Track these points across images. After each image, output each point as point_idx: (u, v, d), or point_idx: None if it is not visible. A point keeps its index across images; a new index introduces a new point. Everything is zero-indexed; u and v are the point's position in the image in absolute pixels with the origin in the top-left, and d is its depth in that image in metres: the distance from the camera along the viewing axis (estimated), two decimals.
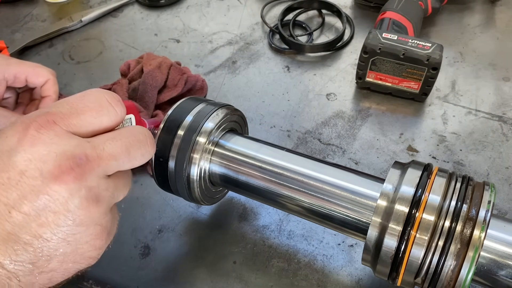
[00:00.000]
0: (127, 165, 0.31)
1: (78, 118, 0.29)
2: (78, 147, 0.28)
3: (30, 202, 0.26)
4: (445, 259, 0.33)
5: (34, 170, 0.26)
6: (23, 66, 0.56)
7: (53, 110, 0.29)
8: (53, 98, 0.59)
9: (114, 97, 0.32)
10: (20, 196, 0.26)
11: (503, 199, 0.53)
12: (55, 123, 0.28)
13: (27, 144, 0.27)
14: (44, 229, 0.27)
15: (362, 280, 0.47)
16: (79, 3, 0.88)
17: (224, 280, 0.47)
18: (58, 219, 0.27)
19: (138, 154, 0.32)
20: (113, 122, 0.31)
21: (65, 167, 0.27)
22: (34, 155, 0.27)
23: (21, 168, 0.26)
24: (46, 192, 0.26)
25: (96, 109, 0.30)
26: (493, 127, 0.61)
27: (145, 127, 0.34)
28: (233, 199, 0.55)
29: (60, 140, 0.28)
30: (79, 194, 0.27)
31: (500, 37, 0.74)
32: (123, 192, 0.32)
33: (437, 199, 0.35)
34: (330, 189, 0.40)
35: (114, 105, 0.31)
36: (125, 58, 0.75)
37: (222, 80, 0.70)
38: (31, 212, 0.26)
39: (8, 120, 0.55)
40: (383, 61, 0.61)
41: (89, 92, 0.31)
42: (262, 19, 0.80)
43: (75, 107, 0.30)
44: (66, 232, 0.27)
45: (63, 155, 0.27)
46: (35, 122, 0.28)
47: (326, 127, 0.62)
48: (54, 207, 0.27)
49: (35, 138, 0.27)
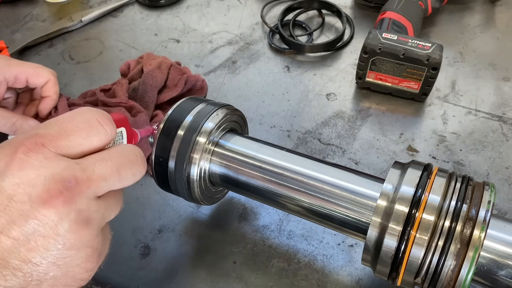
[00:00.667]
0: (117, 185, 0.30)
1: (67, 139, 0.29)
2: (67, 169, 0.28)
3: (19, 227, 0.26)
4: (445, 259, 0.33)
5: (22, 195, 0.26)
6: (24, 67, 0.56)
7: (41, 132, 0.29)
8: (54, 98, 0.59)
9: (104, 116, 0.31)
10: (9, 221, 0.26)
11: (503, 199, 0.53)
12: (44, 145, 0.28)
13: (15, 168, 0.27)
14: (34, 253, 0.26)
15: (362, 280, 0.47)
16: (79, 3, 0.88)
17: (224, 280, 0.47)
18: (47, 243, 0.26)
19: (129, 174, 0.31)
20: (103, 141, 0.31)
21: (54, 190, 0.27)
22: (23, 179, 0.26)
23: (9, 192, 0.26)
24: (35, 216, 0.26)
25: (86, 130, 0.30)
26: (493, 127, 0.61)
27: (136, 146, 0.33)
28: (233, 199, 0.55)
29: (49, 163, 0.27)
30: (68, 217, 0.27)
31: (500, 37, 0.74)
32: (114, 211, 0.32)
33: (437, 199, 0.35)
34: (330, 189, 0.40)
35: (104, 125, 0.31)
36: (125, 58, 0.75)
37: (222, 80, 0.70)
38: (20, 236, 0.26)
39: (8, 120, 0.54)
40: (383, 61, 0.61)
41: (79, 112, 0.31)
42: (262, 19, 0.80)
43: (64, 128, 0.29)
44: (56, 256, 0.27)
45: (52, 178, 0.27)
46: (23, 146, 0.27)
47: (326, 127, 0.62)
48: (44, 231, 0.26)
49: (23, 161, 0.27)
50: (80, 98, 0.65)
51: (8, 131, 0.55)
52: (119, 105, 0.60)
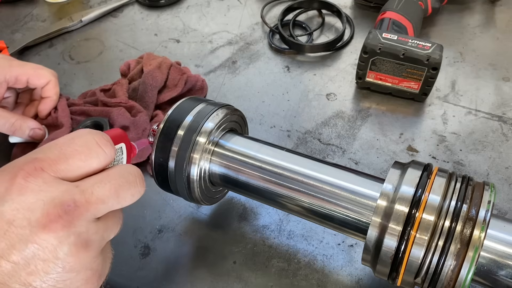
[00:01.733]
0: (116, 206, 0.31)
1: (66, 163, 0.29)
2: (66, 193, 0.28)
3: (19, 251, 0.26)
4: (445, 259, 0.33)
5: (22, 220, 0.26)
6: (25, 68, 0.56)
7: (40, 155, 0.29)
8: (54, 99, 0.59)
9: (103, 137, 0.31)
10: (9, 246, 0.26)
11: (503, 199, 0.53)
12: (43, 170, 0.28)
13: (14, 193, 0.27)
14: (34, 277, 0.26)
15: (362, 280, 0.47)
16: (79, 3, 0.88)
17: (224, 280, 0.47)
18: (47, 267, 0.27)
19: (128, 195, 0.31)
20: (102, 163, 0.31)
21: (53, 215, 0.27)
22: (22, 204, 0.27)
23: (9, 217, 0.26)
24: (35, 241, 0.26)
25: (85, 153, 0.30)
26: (493, 127, 0.61)
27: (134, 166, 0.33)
28: (233, 199, 0.55)
29: (48, 187, 0.27)
30: (68, 241, 0.27)
31: (500, 37, 0.74)
32: (114, 231, 0.32)
33: (437, 199, 0.35)
34: (330, 189, 0.40)
35: (103, 147, 0.31)
36: (125, 58, 0.75)
37: (222, 80, 0.70)
38: (20, 261, 0.26)
39: (7, 121, 0.54)
40: (383, 61, 0.61)
41: (78, 135, 0.31)
42: (262, 19, 0.80)
43: (63, 152, 0.29)
44: (56, 279, 0.27)
45: (51, 202, 0.27)
46: (23, 171, 0.27)
47: (326, 127, 0.62)
48: (43, 255, 0.26)
49: (22, 186, 0.27)
50: (80, 98, 0.65)
51: (7, 131, 0.55)
52: (119, 105, 0.60)
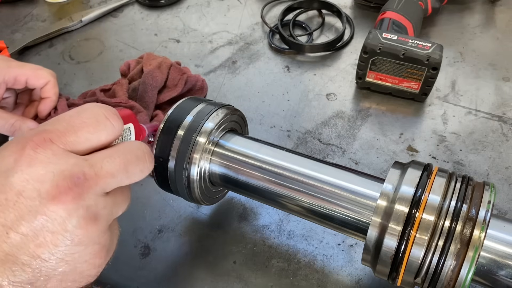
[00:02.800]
0: (125, 181, 0.31)
1: (75, 135, 0.29)
2: (76, 166, 0.28)
3: (28, 223, 0.26)
4: (445, 259, 0.33)
5: (31, 191, 0.26)
6: (23, 69, 0.56)
7: (49, 127, 0.29)
8: (53, 99, 0.59)
9: (111, 111, 0.31)
10: (18, 217, 0.26)
11: (503, 199, 0.53)
12: (52, 141, 0.28)
13: (24, 164, 0.27)
14: (42, 249, 0.26)
15: (362, 280, 0.47)
16: (79, 3, 0.88)
17: (224, 280, 0.47)
18: (56, 239, 0.27)
19: (137, 170, 0.31)
20: (110, 136, 0.31)
21: (63, 187, 0.27)
22: (32, 175, 0.26)
23: (19, 188, 0.26)
24: (44, 212, 0.26)
25: (93, 125, 0.30)
26: (493, 127, 0.61)
27: (143, 143, 0.33)
28: (233, 199, 0.55)
29: (58, 159, 0.27)
30: (77, 213, 0.27)
31: (500, 37, 0.74)
32: (122, 208, 0.32)
33: (437, 199, 0.35)
34: (330, 189, 0.40)
35: (111, 120, 0.31)
36: (125, 58, 0.75)
37: (222, 80, 0.70)
38: (29, 232, 0.26)
39: (7, 121, 0.54)
40: (383, 61, 0.61)
41: (86, 108, 0.31)
42: (262, 19, 0.80)
43: (71, 124, 0.29)
44: (64, 252, 0.27)
45: (60, 174, 0.27)
46: (32, 142, 0.27)
47: (326, 127, 0.62)
48: (52, 227, 0.26)
49: (32, 157, 0.27)
50: (80, 98, 0.65)
51: (7, 132, 0.55)
52: (119, 105, 0.60)
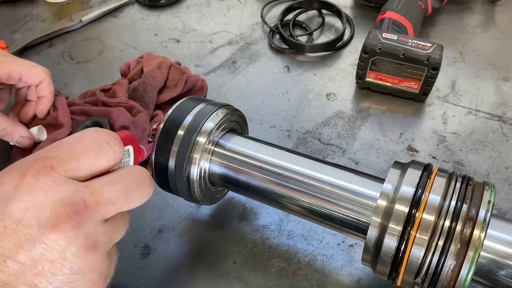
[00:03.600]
0: (125, 208, 0.30)
1: (76, 161, 0.29)
2: (76, 193, 0.27)
3: (26, 252, 0.26)
4: (445, 259, 0.33)
5: (30, 219, 0.26)
6: (18, 65, 0.56)
7: (50, 154, 0.28)
8: (49, 98, 0.58)
9: (112, 136, 0.31)
10: (16, 245, 0.25)
11: (503, 199, 0.53)
12: (53, 168, 0.28)
13: (24, 192, 0.26)
14: (40, 278, 0.26)
15: (362, 280, 0.47)
16: (79, 3, 0.88)
17: (224, 280, 0.47)
18: (54, 268, 0.26)
19: (137, 196, 0.31)
20: (111, 162, 0.31)
21: (63, 215, 0.26)
22: (31, 203, 0.26)
23: (18, 216, 0.26)
24: (43, 241, 0.26)
25: (95, 151, 0.30)
26: (493, 127, 0.61)
27: (143, 168, 0.33)
28: (233, 199, 0.55)
29: (58, 187, 0.27)
30: (76, 242, 0.27)
31: (500, 37, 0.74)
32: (121, 233, 0.32)
33: (437, 199, 0.35)
34: (330, 189, 0.40)
35: (112, 145, 0.31)
36: (125, 58, 0.75)
37: (222, 80, 0.70)
38: (27, 261, 0.26)
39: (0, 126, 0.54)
40: (383, 61, 0.61)
41: (87, 133, 0.31)
42: (262, 19, 0.80)
43: (73, 150, 0.29)
44: (62, 280, 0.27)
45: (60, 202, 0.27)
46: (32, 169, 0.27)
47: (326, 127, 0.62)
48: (51, 256, 0.26)
49: (32, 185, 0.27)
50: (80, 98, 0.65)
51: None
52: (119, 105, 0.60)
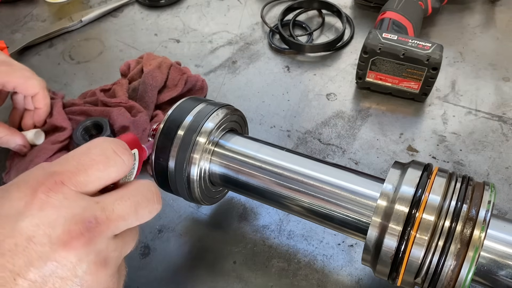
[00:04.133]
0: (135, 223, 0.30)
1: (85, 174, 0.29)
2: (87, 209, 0.27)
3: (37, 269, 0.25)
4: (445, 259, 0.33)
5: (42, 236, 0.26)
6: (12, 76, 0.55)
7: (59, 169, 0.28)
8: (44, 110, 0.58)
9: (120, 145, 0.31)
10: (27, 263, 0.25)
11: (503, 199, 0.53)
12: (64, 183, 0.28)
13: (35, 209, 0.26)
14: None
15: (362, 280, 0.47)
16: (79, 3, 0.88)
17: (224, 280, 0.47)
18: (65, 285, 0.26)
19: (146, 212, 0.31)
20: (121, 172, 0.31)
21: (75, 232, 0.26)
22: (42, 219, 0.26)
23: (29, 234, 0.26)
24: (54, 258, 0.26)
25: (103, 162, 0.29)
26: (493, 127, 0.61)
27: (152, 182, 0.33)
28: (233, 199, 0.55)
29: (69, 203, 0.27)
30: (87, 259, 0.27)
31: (500, 37, 0.74)
32: (130, 246, 0.32)
33: (437, 199, 0.35)
34: (330, 189, 0.40)
35: (120, 154, 0.30)
36: (125, 58, 0.75)
37: (222, 80, 0.70)
38: (38, 279, 0.25)
39: None
40: (383, 61, 0.61)
41: (95, 144, 0.30)
42: (262, 19, 0.80)
43: (81, 163, 0.29)
44: None
45: (72, 219, 0.27)
46: (43, 186, 0.27)
47: (326, 127, 0.62)
48: (62, 273, 0.26)
49: (43, 202, 0.26)
50: (80, 98, 0.65)
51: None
52: (119, 105, 0.60)
